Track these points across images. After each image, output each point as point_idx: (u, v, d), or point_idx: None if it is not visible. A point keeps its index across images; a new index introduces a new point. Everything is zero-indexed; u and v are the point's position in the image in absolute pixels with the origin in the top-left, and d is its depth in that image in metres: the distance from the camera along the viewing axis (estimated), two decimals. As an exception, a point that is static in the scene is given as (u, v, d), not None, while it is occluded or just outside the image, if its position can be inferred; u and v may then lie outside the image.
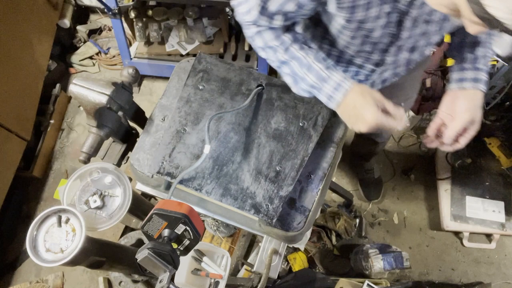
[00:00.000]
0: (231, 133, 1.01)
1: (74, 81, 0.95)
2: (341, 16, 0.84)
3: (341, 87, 0.89)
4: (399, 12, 0.83)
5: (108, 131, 1.04)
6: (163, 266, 0.76)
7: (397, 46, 0.94)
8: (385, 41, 0.92)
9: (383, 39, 0.91)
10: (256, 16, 0.89)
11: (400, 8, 0.82)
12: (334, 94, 0.90)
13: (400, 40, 0.92)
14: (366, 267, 1.78)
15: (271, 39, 0.93)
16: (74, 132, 2.45)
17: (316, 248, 1.91)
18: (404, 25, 0.86)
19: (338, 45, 1.00)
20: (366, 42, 0.93)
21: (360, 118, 0.88)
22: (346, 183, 2.22)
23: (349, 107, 0.90)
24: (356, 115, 0.89)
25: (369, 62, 1.03)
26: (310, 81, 0.91)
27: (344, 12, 0.82)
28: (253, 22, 0.92)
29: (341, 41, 0.97)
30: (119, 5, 2.10)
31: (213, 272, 1.21)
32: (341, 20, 0.85)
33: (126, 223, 1.90)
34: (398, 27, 0.87)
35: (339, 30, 0.92)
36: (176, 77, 1.13)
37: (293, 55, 0.93)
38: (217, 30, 2.38)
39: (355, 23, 0.85)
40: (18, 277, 2.06)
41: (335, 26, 0.91)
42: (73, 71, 2.64)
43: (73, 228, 1.04)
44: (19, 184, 2.16)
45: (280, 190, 0.95)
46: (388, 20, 0.84)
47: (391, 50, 0.96)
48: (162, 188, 1.06)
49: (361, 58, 1.02)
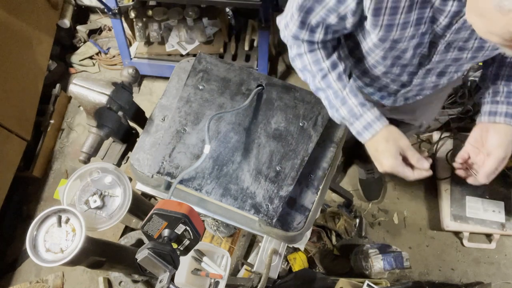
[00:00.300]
0: (231, 133, 1.01)
1: (74, 81, 0.95)
2: (376, 33, 0.82)
3: (371, 127, 0.90)
4: (434, 34, 0.81)
5: (108, 131, 1.04)
6: (163, 266, 0.76)
7: (426, 69, 0.93)
8: (415, 63, 0.91)
9: (413, 61, 0.90)
10: (296, 29, 0.89)
11: (436, 30, 0.80)
12: (363, 132, 0.91)
13: (430, 64, 0.90)
14: (366, 267, 1.78)
15: (311, 63, 0.94)
16: (74, 132, 2.45)
17: (316, 248, 1.91)
18: (437, 49, 0.85)
19: (366, 63, 1.00)
20: (395, 64, 0.92)
21: (378, 161, 0.91)
22: (346, 183, 2.22)
23: (373, 148, 0.92)
24: (375, 157, 0.91)
25: (394, 83, 1.03)
26: (343, 113, 0.92)
27: (380, 30, 0.80)
28: (294, 36, 0.92)
29: (370, 60, 0.97)
30: (119, 5, 2.10)
31: (213, 272, 1.21)
32: (375, 38, 0.84)
33: (126, 223, 1.90)
34: (431, 49, 0.86)
35: (370, 49, 0.91)
36: (176, 77, 1.13)
37: (329, 84, 0.93)
38: (217, 30, 2.38)
39: (389, 42, 0.83)
40: (18, 277, 2.06)
41: (368, 43, 0.90)
42: (73, 71, 2.64)
43: (73, 228, 1.04)
44: (19, 184, 2.16)
45: (280, 190, 0.95)
46: (421, 41, 0.83)
47: (419, 73, 0.95)
48: (162, 188, 1.06)
49: (387, 79, 1.02)
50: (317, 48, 0.94)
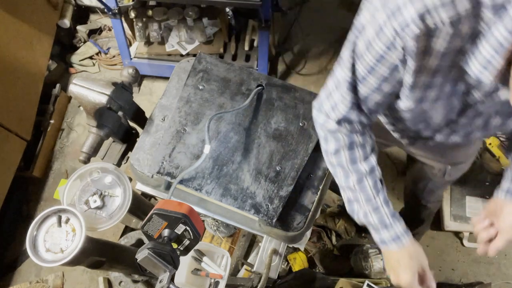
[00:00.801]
0: (231, 133, 1.01)
1: (74, 81, 0.95)
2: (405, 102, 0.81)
3: (400, 241, 0.89)
4: (465, 104, 0.80)
5: (108, 131, 1.04)
6: (163, 266, 0.76)
7: (451, 130, 0.92)
8: (442, 124, 0.89)
9: (439, 122, 0.89)
10: (347, 110, 0.83)
11: (468, 101, 0.79)
12: (390, 243, 0.89)
13: (457, 126, 0.89)
14: (366, 267, 1.78)
15: (348, 161, 0.89)
16: (74, 132, 2.45)
17: (316, 248, 1.91)
18: (466, 114, 0.84)
19: (392, 115, 0.98)
20: (422, 122, 0.91)
21: (395, 273, 0.90)
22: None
23: (394, 259, 0.91)
24: (394, 268, 0.90)
25: (417, 134, 1.01)
26: (372, 220, 0.89)
27: (411, 101, 0.79)
28: (344, 118, 0.85)
29: (396, 114, 0.94)
30: (119, 5, 2.10)
31: (213, 272, 1.21)
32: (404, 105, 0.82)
33: (126, 223, 1.90)
34: (459, 115, 0.84)
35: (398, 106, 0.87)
36: (176, 77, 1.13)
37: (363, 189, 0.89)
38: (217, 30, 2.38)
39: (418, 110, 0.82)
40: (18, 277, 2.06)
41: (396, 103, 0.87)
42: (73, 71, 2.64)
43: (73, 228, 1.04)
44: (19, 184, 2.16)
45: (280, 190, 0.95)
46: (451, 109, 0.81)
47: (444, 131, 0.93)
48: (162, 188, 1.06)
49: (411, 131, 1.00)
50: (356, 147, 0.88)
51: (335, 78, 0.84)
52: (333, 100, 0.85)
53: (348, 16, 2.76)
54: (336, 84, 0.83)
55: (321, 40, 2.68)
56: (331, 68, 0.99)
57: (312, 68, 2.59)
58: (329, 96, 0.85)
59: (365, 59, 0.75)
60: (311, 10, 2.80)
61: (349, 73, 0.79)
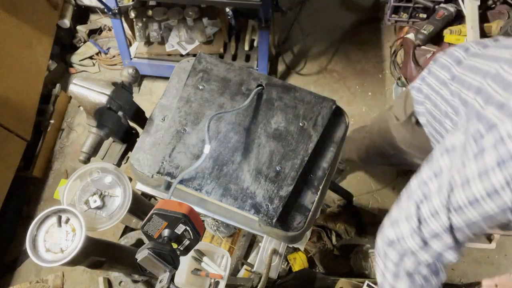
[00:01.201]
0: (231, 133, 1.01)
1: (74, 81, 0.95)
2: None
3: None
4: None
5: (108, 131, 1.03)
6: (163, 266, 0.76)
7: None
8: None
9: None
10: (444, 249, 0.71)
11: None
12: None
13: None
14: (366, 267, 1.78)
15: None
16: (74, 132, 2.45)
17: (316, 248, 1.91)
18: None
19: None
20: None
21: None
22: (346, 183, 2.22)
23: None
24: None
25: None
26: None
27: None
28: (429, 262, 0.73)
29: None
30: (119, 5, 2.10)
31: (213, 272, 1.21)
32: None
33: (126, 223, 1.90)
34: None
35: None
36: (176, 77, 1.13)
37: None
38: (217, 30, 2.38)
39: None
40: (18, 277, 2.06)
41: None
42: (73, 71, 2.64)
43: (73, 228, 1.04)
44: (19, 184, 2.16)
45: (280, 190, 0.95)
46: None
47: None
48: (162, 188, 1.06)
49: None
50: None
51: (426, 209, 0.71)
52: (420, 237, 0.71)
53: (348, 16, 2.77)
54: (428, 215, 0.71)
55: (321, 40, 2.69)
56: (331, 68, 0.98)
57: (312, 68, 2.59)
58: (415, 232, 0.71)
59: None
60: (311, 10, 2.80)
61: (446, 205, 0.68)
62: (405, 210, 0.76)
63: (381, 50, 2.64)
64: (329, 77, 2.54)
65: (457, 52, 0.98)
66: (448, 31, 1.95)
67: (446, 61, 1.00)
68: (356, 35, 2.70)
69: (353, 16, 2.78)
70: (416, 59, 1.95)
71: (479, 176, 0.62)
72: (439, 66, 1.02)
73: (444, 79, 0.97)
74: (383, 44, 2.65)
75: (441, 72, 0.99)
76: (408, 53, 1.98)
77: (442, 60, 1.02)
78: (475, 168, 0.63)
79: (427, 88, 1.05)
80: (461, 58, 0.95)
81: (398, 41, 2.16)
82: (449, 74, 0.95)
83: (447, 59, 0.99)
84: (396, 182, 2.20)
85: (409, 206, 0.75)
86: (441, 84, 0.98)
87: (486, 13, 1.98)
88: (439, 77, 0.99)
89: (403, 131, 1.22)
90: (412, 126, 1.17)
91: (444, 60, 1.01)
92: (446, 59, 1.00)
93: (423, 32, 1.92)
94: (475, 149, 0.64)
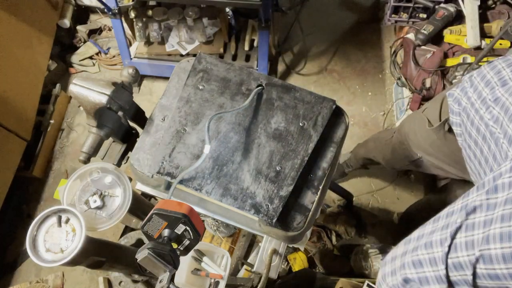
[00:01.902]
0: (231, 133, 1.01)
1: (74, 81, 0.95)
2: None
3: None
4: None
5: (108, 131, 1.03)
6: (163, 266, 0.76)
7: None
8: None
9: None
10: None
11: None
12: None
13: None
14: (366, 267, 1.78)
15: None
16: (74, 132, 2.45)
17: (316, 248, 1.91)
18: None
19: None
20: None
21: None
22: (347, 183, 2.22)
23: None
24: None
25: None
26: None
27: None
28: None
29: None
30: (119, 5, 2.10)
31: (213, 272, 1.21)
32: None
33: (126, 223, 1.90)
34: None
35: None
36: (176, 77, 1.13)
37: None
38: (217, 30, 2.38)
39: None
40: (18, 277, 2.06)
41: None
42: (73, 71, 2.64)
43: (73, 228, 1.04)
44: (19, 184, 2.16)
45: (280, 190, 0.95)
46: None
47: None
48: (162, 188, 1.06)
49: None
50: None
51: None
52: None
53: (348, 16, 2.77)
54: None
55: (321, 40, 2.69)
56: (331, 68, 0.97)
57: (312, 68, 2.59)
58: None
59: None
60: (311, 10, 2.80)
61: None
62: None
63: (381, 50, 2.64)
64: (329, 77, 2.55)
65: (504, 71, 0.92)
66: (448, 31, 1.95)
67: (490, 76, 0.95)
68: (356, 35, 2.70)
69: (353, 16, 2.78)
70: (416, 59, 1.96)
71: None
72: (482, 80, 0.97)
73: (486, 98, 0.92)
74: (383, 44, 2.66)
75: (484, 89, 0.94)
76: (408, 53, 1.99)
77: (486, 74, 0.97)
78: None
79: (466, 101, 1.00)
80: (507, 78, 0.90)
81: (398, 41, 2.16)
82: (491, 94, 0.90)
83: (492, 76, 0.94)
84: (396, 182, 2.20)
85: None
86: (482, 102, 0.93)
87: (486, 13, 1.98)
88: (481, 94, 0.95)
89: (434, 136, 1.20)
90: (444, 133, 1.15)
91: (488, 74, 0.96)
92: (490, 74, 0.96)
93: (423, 32, 1.92)
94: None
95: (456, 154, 1.12)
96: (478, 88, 0.98)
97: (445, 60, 1.93)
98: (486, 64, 1.02)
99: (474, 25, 1.87)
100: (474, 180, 1.07)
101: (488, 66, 1.00)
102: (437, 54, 1.91)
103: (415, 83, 1.99)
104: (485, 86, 0.95)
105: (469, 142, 1.00)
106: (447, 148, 1.18)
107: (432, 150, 1.26)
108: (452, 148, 1.13)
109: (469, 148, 1.01)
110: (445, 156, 1.23)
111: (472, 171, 1.05)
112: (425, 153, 1.30)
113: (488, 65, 1.01)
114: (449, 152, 1.18)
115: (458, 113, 1.05)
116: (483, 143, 0.92)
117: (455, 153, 1.12)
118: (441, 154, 1.24)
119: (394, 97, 2.38)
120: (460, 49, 1.92)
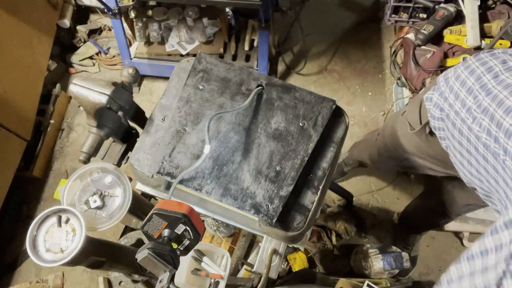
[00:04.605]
0: (231, 133, 1.01)
1: (74, 81, 0.95)
2: None
3: None
4: None
5: (108, 131, 1.03)
6: (163, 266, 0.76)
7: None
8: None
9: None
10: None
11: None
12: None
13: None
14: (366, 267, 1.78)
15: None
16: (74, 132, 2.45)
17: (316, 248, 1.91)
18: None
19: None
20: None
21: None
22: (347, 183, 2.22)
23: None
24: None
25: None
26: None
27: None
28: None
29: None
30: (119, 5, 2.10)
31: (213, 272, 1.21)
32: None
33: (126, 223, 1.90)
34: None
35: None
36: (176, 77, 1.13)
37: None
38: (217, 30, 2.38)
39: None
40: (18, 277, 2.06)
41: None
42: (73, 71, 2.64)
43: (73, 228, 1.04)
44: (19, 184, 2.16)
45: (280, 190, 0.95)
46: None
47: None
48: (162, 188, 1.06)
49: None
50: None
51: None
52: None
53: (348, 16, 2.77)
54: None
55: (321, 40, 2.69)
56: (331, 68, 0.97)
57: (312, 68, 2.59)
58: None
59: None
60: (311, 10, 2.80)
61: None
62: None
63: (381, 50, 2.64)
64: (329, 77, 2.55)
65: (484, 77, 0.87)
66: (448, 31, 1.95)
67: (469, 81, 0.90)
68: (356, 35, 2.70)
69: (353, 16, 2.78)
70: (416, 59, 1.96)
71: None
72: (462, 85, 0.92)
73: (471, 108, 0.87)
74: (383, 44, 2.66)
75: (467, 97, 0.90)
76: (408, 53, 1.99)
77: (461, 74, 0.93)
78: None
79: (449, 108, 0.97)
80: (490, 87, 0.85)
81: (398, 41, 2.16)
82: (476, 104, 0.86)
83: (472, 81, 0.90)
84: (396, 182, 2.20)
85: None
86: (467, 112, 0.89)
87: (486, 13, 1.98)
88: (465, 103, 0.90)
89: (416, 139, 1.19)
90: (426, 136, 1.14)
91: (462, 74, 0.92)
92: (465, 75, 0.91)
93: (423, 32, 1.92)
94: None
95: (440, 154, 1.11)
96: (460, 95, 0.94)
97: (445, 60, 1.93)
98: (461, 64, 0.99)
99: (474, 25, 1.87)
100: (466, 181, 1.07)
101: (463, 66, 0.97)
102: (437, 54, 1.91)
103: (415, 83, 1.99)
104: (466, 93, 0.92)
105: (460, 149, 0.98)
106: (431, 150, 1.17)
107: (417, 151, 1.26)
108: (436, 149, 1.13)
109: (461, 156, 0.99)
110: (430, 157, 1.23)
111: (466, 176, 1.04)
112: (410, 154, 1.30)
113: (462, 65, 0.98)
114: (433, 153, 1.18)
115: (440, 119, 1.03)
116: (477, 153, 0.89)
117: (440, 153, 1.12)
118: (426, 155, 1.24)
119: (394, 97, 2.38)
120: (460, 49, 1.92)
